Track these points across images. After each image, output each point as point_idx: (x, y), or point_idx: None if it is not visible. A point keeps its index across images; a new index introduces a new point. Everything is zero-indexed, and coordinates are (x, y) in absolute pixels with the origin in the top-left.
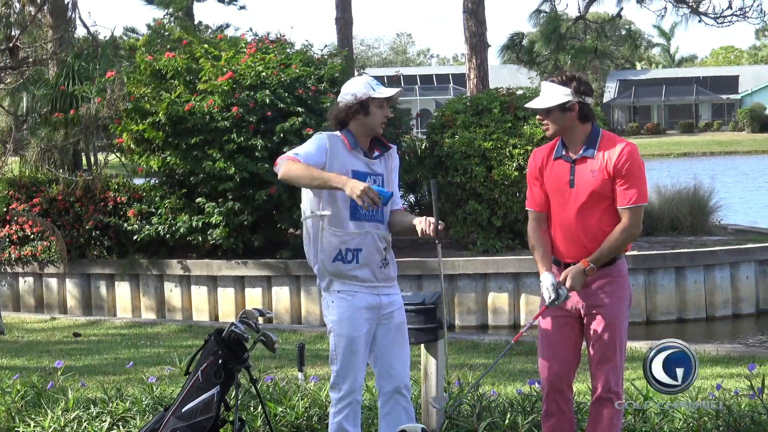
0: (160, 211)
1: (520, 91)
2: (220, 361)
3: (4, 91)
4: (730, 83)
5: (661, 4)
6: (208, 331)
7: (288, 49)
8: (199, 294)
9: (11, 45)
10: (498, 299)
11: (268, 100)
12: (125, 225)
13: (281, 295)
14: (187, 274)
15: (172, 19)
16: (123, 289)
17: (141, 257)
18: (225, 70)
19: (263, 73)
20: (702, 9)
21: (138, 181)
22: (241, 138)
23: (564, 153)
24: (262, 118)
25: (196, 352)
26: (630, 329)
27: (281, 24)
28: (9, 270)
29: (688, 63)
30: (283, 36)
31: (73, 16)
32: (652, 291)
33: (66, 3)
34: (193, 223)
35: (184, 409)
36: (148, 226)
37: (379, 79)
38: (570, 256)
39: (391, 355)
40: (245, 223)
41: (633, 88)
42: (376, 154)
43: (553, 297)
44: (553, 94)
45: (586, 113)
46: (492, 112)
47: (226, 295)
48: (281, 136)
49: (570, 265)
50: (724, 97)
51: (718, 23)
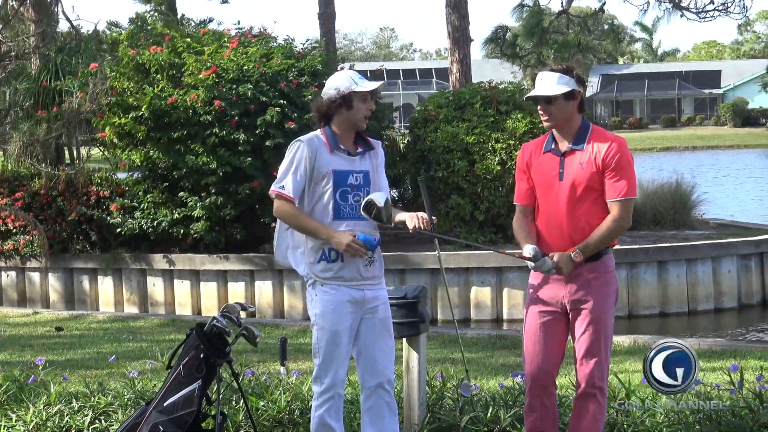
0: (142, 205)
1: (502, 86)
2: (202, 355)
3: None
4: (713, 78)
5: None
6: (191, 326)
7: (271, 43)
8: (182, 288)
9: None
10: (480, 293)
11: (250, 94)
12: (108, 219)
13: (264, 289)
14: (170, 268)
15: (155, 13)
16: (106, 284)
17: (124, 251)
18: (208, 64)
19: (245, 67)
20: (684, 4)
21: (121, 175)
22: (224, 132)
23: (553, 146)
24: (245, 112)
25: (178, 346)
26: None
27: (266, 19)
28: None
29: (671, 58)
30: (266, 30)
31: (55, 10)
32: (635, 285)
33: None
34: (176, 217)
35: (165, 403)
36: (130, 221)
37: (362, 73)
38: (557, 249)
39: (374, 350)
40: (228, 217)
41: (615, 82)
42: (359, 150)
43: (534, 259)
44: (556, 83)
45: (582, 103)
46: (474, 107)
47: (209, 290)
48: (263, 129)
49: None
50: (707, 91)
51: (700, 18)
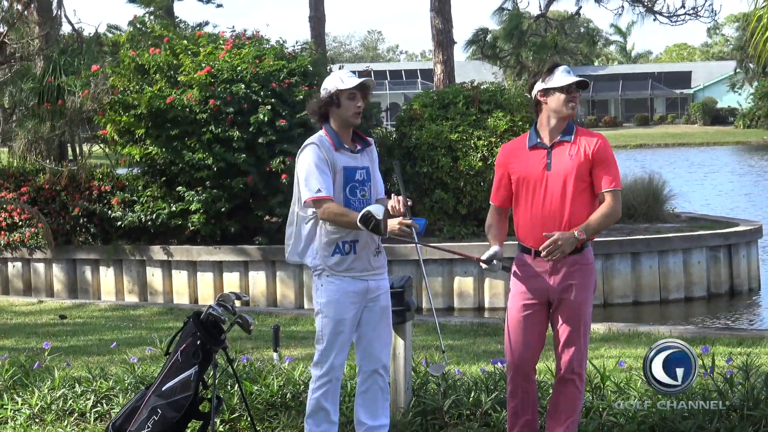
0: (142, 199)
1: (484, 86)
2: (199, 342)
3: None
4: (683, 78)
5: (618, 2)
6: (188, 314)
7: (264, 45)
8: (180, 278)
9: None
10: (463, 283)
11: (243, 93)
12: (109, 212)
13: (257, 279)
14: (168, 259)
15: (153, 17)
16: (107, 274)
17: (124, 243)
18: (203, 65)
19: (239, 68)
20: (657, 8)
21: (121, 170)
22: (219, 129)
23: (539, 141)
24: (239, 111)
25: (176, 333)
26: None
27: (259, 21)
28: None
29: (644, 59)
30: (259, 32)
31: (58, 13)
32: (609, 275)
33: (52, 1)
34: (173, 210)
35: (164, 388)
36: (130, 214)
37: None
38: (542, 243)
39: (373, 336)
40: (223, 210)
41: (591, 83)
42: (359, 148)
43: (487, 262)
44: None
45: None
46: (457, 106)
47: (205, 280)
48: (256, 127)
49: (540, 252)
50: (678, 91)
51: (671, 22)
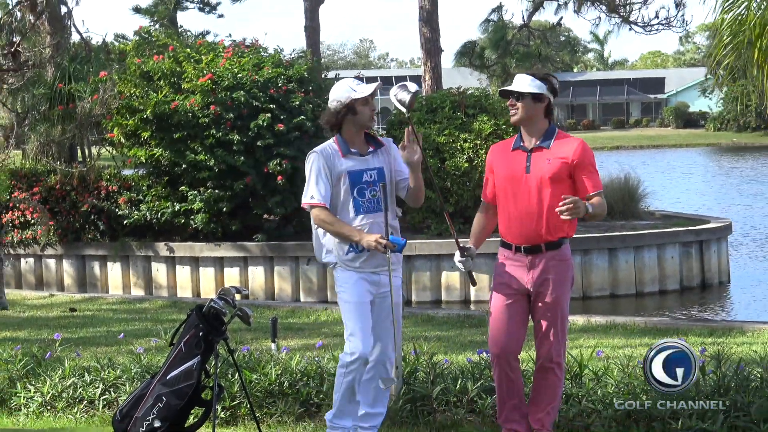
0: (147, 198)
1: (470, 91)
2: (201, 333)
3: (7, 90)
4: (657, 84)
5: (596, 13)
6: (191, 307)
7: (262, 53)
8: (183, 273)
9: (13, 49)
10: (450, 278)
11: (243, 99)
12: (116, 211)
13: (256, 274)
14: (172, 255)
15: (157, 26)
16: (114, 269)
17: (131, 240)
18: (205, 72)
19: (239, 75)
20: (632, 18)
21: (127, 171)
22: (220, 133)
23: (521, 144)
24: (238, 116)
25: (180, 325)
26: None
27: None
28: (11, 251)
29: (620, 66)
30: (257, 41)
31: (68, 23)
32: (588, 270)
33: (62, 12)
34: (177, 209)
35: (168, 377)
36: (136, 212)
37: None
38: (522, 240)
39: (381, 330)
40: (224, 209)
41: (571, 88)
42: (371, 150)
43: (461, 254)
44: (529, 84)
45: (550, 110)
46: (444, 110)
47: (207, 274)
48: (255, 131)
49: (521, 249)
50: (652, 96)
51: (646, 31)
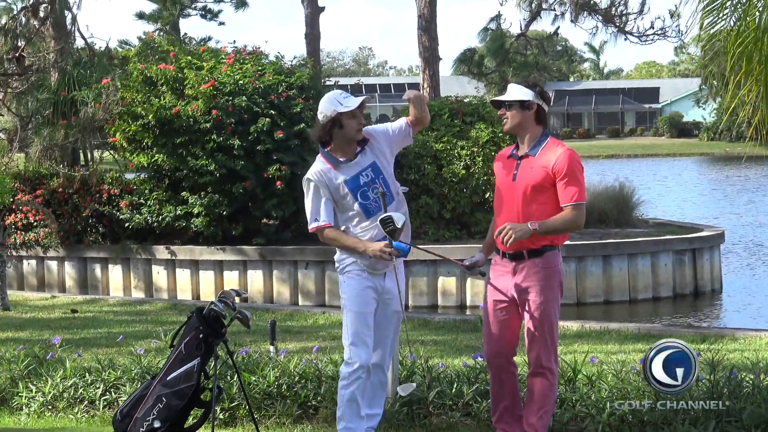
0: (148, 202)
1: (467, 99)
2: (201, 335)
3: (11, 95)
4: (652, 94)
5: (592, 23)
6: (191, 309)
7: (263, 60)
8: (183, 276)
9: (17, 54)
10: (447, 283)
11: (244, 105)
12: (118, 214)
13: (255, 277)
14: (172, 258)
15: (160, 33)
16: (115, 271)
17: (132, 243)
18: (207, 78)
19: (241, 81)
20: (628, 28)
21: (129, 175)
22: (221, 138)
23: (515, 152)
24: (239, 121)
25: (180, 327)
26: (562, 310)
27: (259, 38)
28: (14, 253)
29: (615, 76)
30: (258, 48)
31: (72, 29)
32: (582, 276)
33: (66, 17)
34: (178, 213)
35: (168, 378)
36: (138, 216)
37: (343, 87)
38: (506, 246)
39: (381, 337)
40: (224, 213)
41: (566, 97)
42: (358, 150)
43: (468, 267)
44: (517, 92)
45: (541, 116)
46: (442, 118)
47: (207, 277)
48: (255, 136)
49: (508, 254)
50: (647, 106)
51: (641, 41)
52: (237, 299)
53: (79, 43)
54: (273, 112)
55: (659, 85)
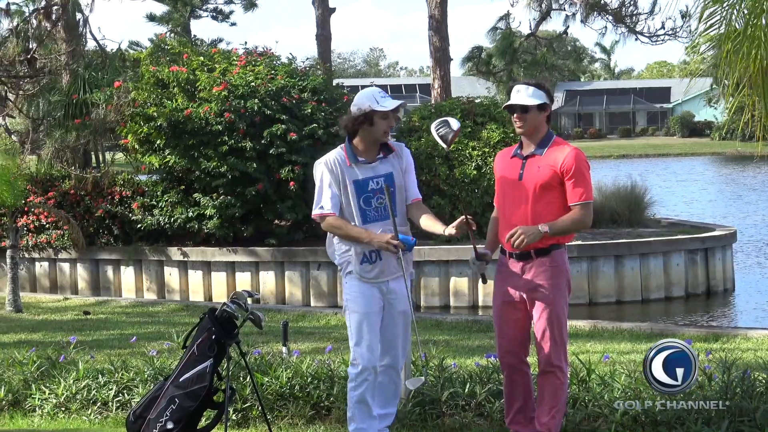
0: (160, 204)
1: (478, 100)
2: (214, 336)
3: (23, 97)
4: (663, 94)
5: (602, 23)
6: (203, 311)
7: (274, 62)
8: (195, 277)
9: (29, 56)
10: (459, 283)
11: (256, 107)
12: (130, 216)
13: (267, 278)
14: (184, 259)
15: (171, 34)
16: (128, 273)
17: (144, 245)
18: (219, 81)
19: (253, 83)
20: (638, 28)
21: (141, 177)
22: (233, 141)
23: (519, 151)
24: (251, 123)
25: (192, 328)
26: (574, 310)
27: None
28: (27, 255)
29: (626, 76)
30: (270, 50)
31: (84, 31)
32: (594, 276)
33: (78, 19)
34: (190, 215)
35: (181, 379)
36: (150, 217)
37: (353, 89)
38: (513, 246)
39: (392, 338)
40: (236, 215)
41: (578, 97)
42: (380, 156)
43: (473, 261)
44: (531, 95)
45: (550, 116)
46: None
47: (219, 279)
48: (268, 139)
49: (515, 255)
50: (658, 106)
51: (652, 41)
52: (249, 300)
53: (90, 45)
54: (285, 116)
55: (670, 85)
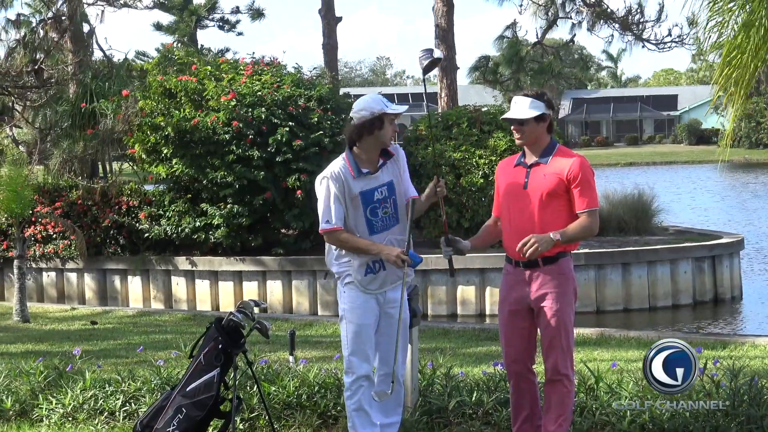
0: (168, 213)
1: (485, 108)
2: (220, 346)
3: (30, 107)
4: (670, 101)
5: (609, 31)
6: (210, 320)
7: (282, 71)
8: (202, 287)
9: (36, 67)
10: (466, 292)
11: (263, 116)
12: (137, 226)
13: (274, 288)
14: (191, 269)
15: (178, 44)
16: (135, 283)
17: (151, 254)
18: (226, 90)
19: (260, 92)
20: (645, 36)
21: (148, 187)
22: (240, 149)
23: (523, 160)
24: (258, 132)
25: (199, 338)
26: (581, 318)
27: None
28: (34, 265)
29: (633, 83)
30: (276, 59)
31: (91, 41)
32: (602, 284)
33: (85, 30)
34: (197, 224)
35: (188, 389)
36: (157, 227)
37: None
38: (519, 254)
39: (390, 347)
40: (243, 224)
41: (585, 105)
42: (381, 163)
43: (449, 241)
44: (529, 107)
45: (551, 125)
46: (460, 127)
47: (226, 288)
48: (274, 147)
49: (521, 264)
50: (665, 113)
51: (659, 49)
52: (256, 309)
53: (97, 55)
54: (291, 124)
55: (677, 93)
